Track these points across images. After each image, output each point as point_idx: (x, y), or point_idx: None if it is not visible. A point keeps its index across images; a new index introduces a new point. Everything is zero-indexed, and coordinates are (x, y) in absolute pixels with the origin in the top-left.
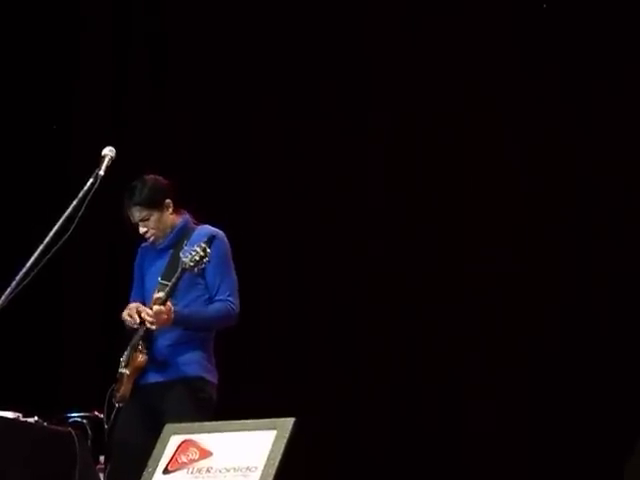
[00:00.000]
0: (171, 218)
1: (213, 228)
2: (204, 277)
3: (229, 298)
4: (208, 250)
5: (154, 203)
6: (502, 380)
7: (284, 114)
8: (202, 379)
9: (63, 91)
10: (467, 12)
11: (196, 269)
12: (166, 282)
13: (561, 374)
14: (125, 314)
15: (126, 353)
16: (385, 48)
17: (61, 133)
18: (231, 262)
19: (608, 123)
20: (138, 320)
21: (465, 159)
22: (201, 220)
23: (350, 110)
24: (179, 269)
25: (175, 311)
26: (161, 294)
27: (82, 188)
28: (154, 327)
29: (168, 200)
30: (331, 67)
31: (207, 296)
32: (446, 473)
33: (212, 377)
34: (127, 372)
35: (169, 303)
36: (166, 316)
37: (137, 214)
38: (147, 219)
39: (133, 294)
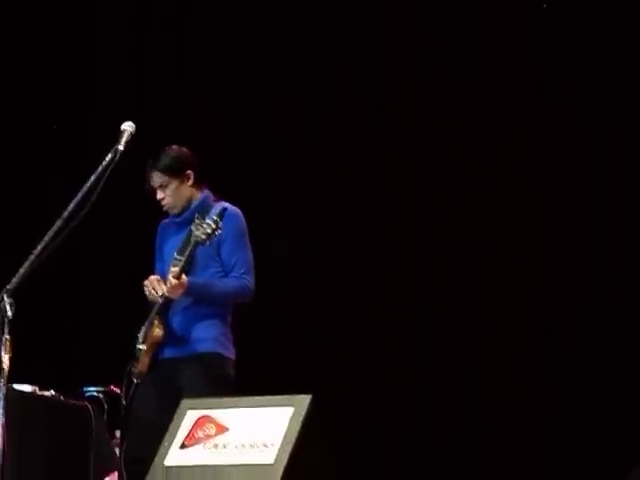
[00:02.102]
0: (190, 190)
1: (230, 205)
2: (220, 254)
3: (244, 275)
4: (220, 223)
5: (174, 171)
6: (519, 375)
7: (304, 96)
8: (219, 355)
9: (84, 66)
10: (473, 14)
11: (208, 242)
12: (180, 257)
13: (577, 374)
14: (145, 288)
15: (143, 329)
16: (403, 50)
17: (82, 111)
18: (247, 240)
19: (612, 123)
20: (159, 292)
21: (481, 161)
22: (220, 194)
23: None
24: (192, 243)
25: (189, 281)
26: (175, 269)
27: (101, 163)
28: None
29: (189, 171)
30: (352, 54)
31: (224, 273)
32: (462, 457)
33: (229, 353)
34: (144, 348)
35: (183, 276)
36: (181, 289)
37: (157, 180)
38: (165, 186)
39: (156, 270)
